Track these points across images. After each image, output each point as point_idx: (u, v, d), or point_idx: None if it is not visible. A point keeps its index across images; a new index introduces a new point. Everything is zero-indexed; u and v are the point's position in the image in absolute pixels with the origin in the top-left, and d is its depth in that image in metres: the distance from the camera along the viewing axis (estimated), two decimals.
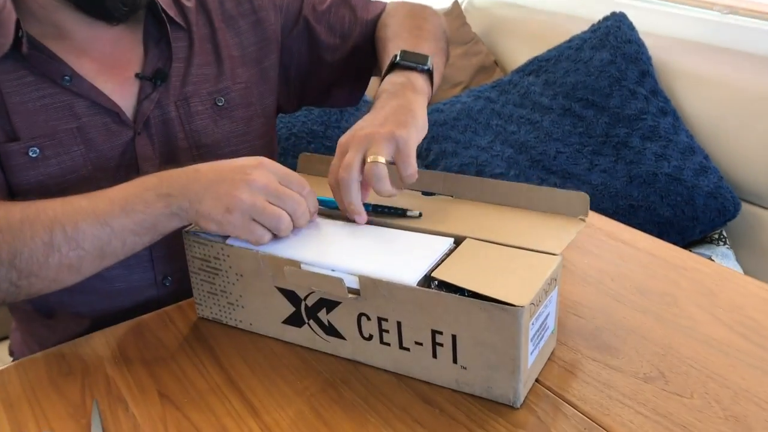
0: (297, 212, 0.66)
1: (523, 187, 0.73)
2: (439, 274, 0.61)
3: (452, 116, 1.55)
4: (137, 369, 0.70)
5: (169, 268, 0.86)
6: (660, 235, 1.29)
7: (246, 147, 0.90)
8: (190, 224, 0.72)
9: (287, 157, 1.43)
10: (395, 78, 0.77)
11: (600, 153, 1.40)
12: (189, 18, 0.87)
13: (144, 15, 0.84)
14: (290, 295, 0.68)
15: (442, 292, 0.58)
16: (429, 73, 0.79)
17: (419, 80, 0.77)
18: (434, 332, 0.60)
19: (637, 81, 1.43)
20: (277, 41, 0.93)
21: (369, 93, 1.02)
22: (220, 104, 0.87)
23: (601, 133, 1.40)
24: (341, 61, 0.96)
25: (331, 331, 0.67)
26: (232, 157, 0.88)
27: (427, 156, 1.54)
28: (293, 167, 0.91)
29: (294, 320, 0.69)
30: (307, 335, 0.69)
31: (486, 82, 1.70)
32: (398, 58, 0.79)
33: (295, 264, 0.65)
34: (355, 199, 0.68)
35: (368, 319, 0.63)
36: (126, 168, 0.82)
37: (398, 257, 0.65)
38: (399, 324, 0.62)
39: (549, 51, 1.60)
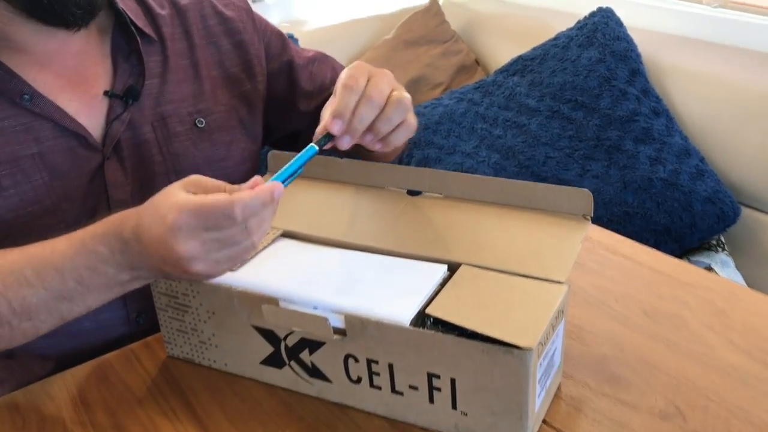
0: (253, 244, 0.58)
1: (519, 185, 0.69)
2: (435, 311, 0.57)
3: (434, 120, 1.51)
4: (100, 418, 0.65)
5: (143, 304, 0.81)
6: (657, 243, 1.27)
7: (225, 173, 0.85)
8: None
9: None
10: None
11: (592, 157, 1.37)
12: (162, 30, 0.82)
13: (111, 26, 0.78)
14: (268, 335, 0.63)
15: (439, 333, 0.54)
16: None
17: None
18: (431, 375, 0.56)
19: (628, 80, 1.41)
20: (262, 69, 0.89)
21: None
22: (200, 125, 0.82)
23: (592, 136, 1.38)
24: (312, 112, 0.92)
25: (315, 373, 0.62)
26: None
27: (408, 163, 1.50)
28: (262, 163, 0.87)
29: (273, 361, 0.64)
30: (288, 377, 0.64)
31: (468, 83, 1.67)
32: None
33: (273, 301, 0.60)
34: (346, 110, 0.65)
35: (356, 360, 0.59)
36: (95, 196, 0.76)
37: (387, 290, 0.61)
38: (391, 366, 0.57)
39: (534, 49, 1.57)
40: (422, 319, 0.58)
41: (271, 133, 0.96)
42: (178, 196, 0.57)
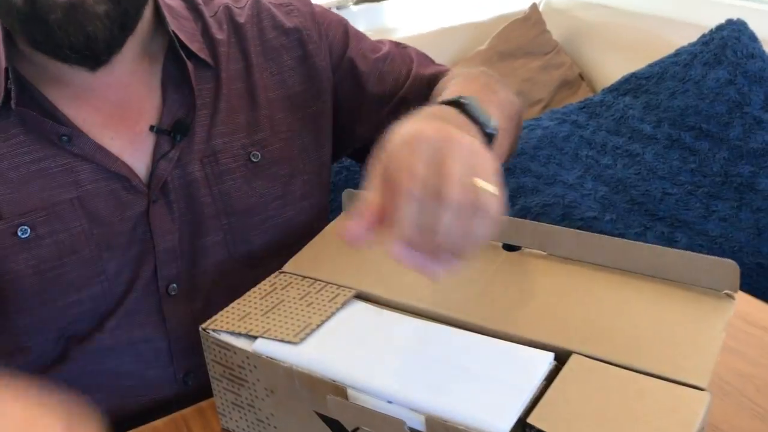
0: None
1: (644, 248, 0.61)
2: (539, 420, 0.48)
3: (532, 144, 1.42)
4: None
5: (191, 363, 0.75)
6: None
7: (287, 211, 0.78)
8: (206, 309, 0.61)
9: (337, 194, 1.31)
10: (446, 110, 0.60)
11: (718, 196, 1.25)
12: (218, 52, 0.76)
13: (164, 51, 0.73)
14: (334, 425, 0.56)
15: None
16: (489, 138, 0.62)
17: (459, 117, 0.60)
18: None
19: (763, 106, 1.29)
20: (329, 81, 0.82)
21: None
22: (255, 160, 0.76)
23: (718, 171, 1.27)
24: (385, 117, 0.84)
25: None
26: (268, 224, 0.77)
27: None
28: (341, 204, 0.81)
29: None
30: None
31: (571, 101, 1.58)
32: (461, 98, 0.62)
33: (340, 391, 0.52)
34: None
35: None
36: (139, 244, 0.72)
37: (479, 386, 0.52)
38: None
39: (649, 66, 1.47)
40: (522, 428, 0.49)
41: (340, 150, 0.89)
42: None
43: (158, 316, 0.73)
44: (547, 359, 0.53)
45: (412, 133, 0.47)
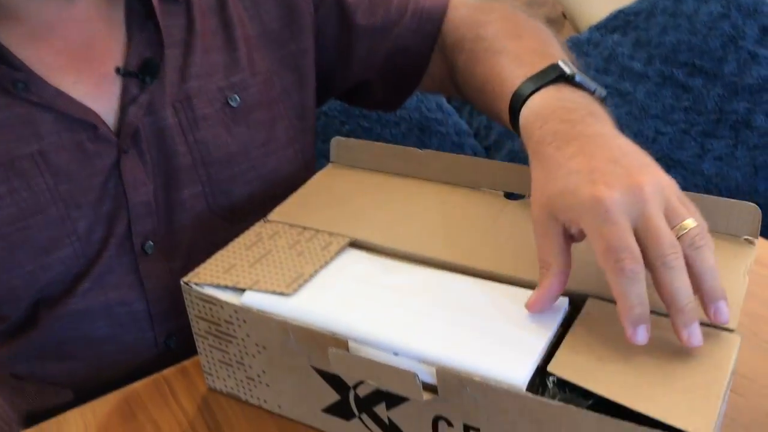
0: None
1: None
2: (559, 368, 0.45)
3: None
4: None
5: (173, 325, 0.72)
6: None
7: (270, 160, 0.74)
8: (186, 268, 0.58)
9: (317, 141, 1.27)
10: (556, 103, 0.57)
11: (713, 135, 1.23)
12: None
13: None
14: (334, 381, 0.53)
15: (573, 408, 0.42)
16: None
17: (591, 103, 0.57)
18: None
19: (758, 40, 1.26)
20: (311, 17, 0.76)
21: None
22: (233, 104, 0.71)
23: (713, 108, 1.24)
24: (380, 55, 0.79)
25: (392, 430, 0.52)
26: (250, 175, 0.72)
27: (487, 135, 1.39)
28: (323, 152, 0.78)
29: (339, 411, 0.54)
30: (358, 431, 0.54)
31: None
32: (564, 71, 0.58)
33: (341, 344, 0.49)
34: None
35: (449, 425, 0.48)
36: (111, 200, 0.66)
37: (489, 332, 0.49)
38: None
39: (638, 2, 1.42)
40: (541, 377, 0.46)
41: (328, 92, 0.84)
42: None
43: (135, 276, 0.69)
44: (561, 304, 0.51)
45: (589, 192, 0.47)
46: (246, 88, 0.72)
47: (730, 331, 0.47)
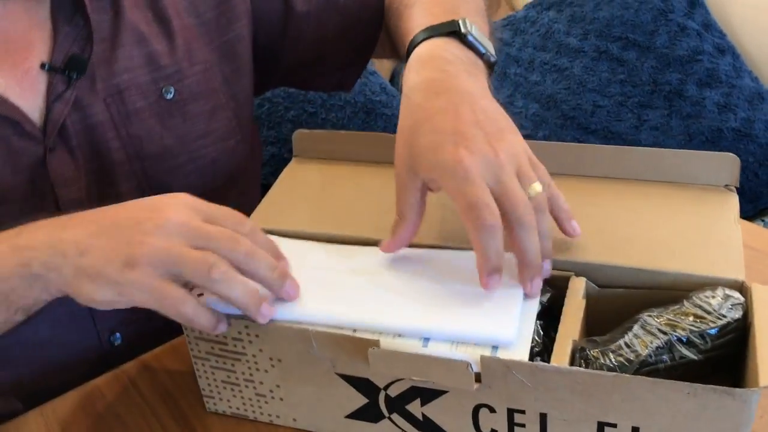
0: (241, 256, 0.51)
1: (635, 152, 0.63)
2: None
3: None
4: None
5: (114, 320, 0.71)
6: None
7: (210, 152, 0.74)
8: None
9: (262, 128, 1.26)
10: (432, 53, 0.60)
11: (649, 105, 1.28)
12: None
13: None
14: (362, 384, 0.54)
15: (625, 376, 0.46)
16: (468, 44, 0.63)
17: (473, 62, 0.61)
18: (603, 425, 0.48)
19: (686, 13, 1.32)
20: (245, 3, 0.76)
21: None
22: (168, 96, 0.71)
23: (647, 80, 1.29)
24: (328, 28, 0.79)
25: (427, 426, 0.54)
26: (189, 167, 0.73)
27: None
28: (268, 139, 0.76)
29: (366, 414, 0.55)
30: None
31: (492, 19, 1.56)
32: (459, 27, 0.62)
33: (374, 342, 0.50)
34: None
35: (492, 411, 0.50)
36: (38, 198, 0.66)
37: (471, 297, 0.52)
38: (543, 417, 0.49)
39: None
40: (581, 352, 0.49)
41: (270, 78, 0.84)
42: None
43: None
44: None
45: (451, 155, 0.51)
46: (182, 80, 0.72)
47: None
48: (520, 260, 0.51)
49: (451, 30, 0.61)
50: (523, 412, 0.49)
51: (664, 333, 0.48)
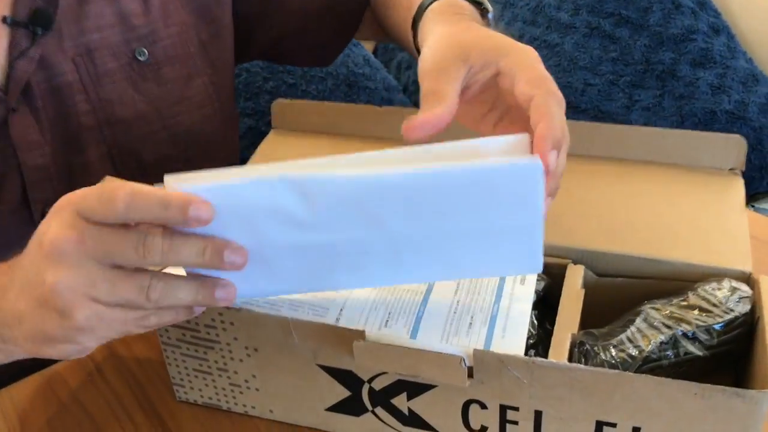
0: (158, 259, 0.42)
1: (640, 132, 0.60)
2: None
3: None
4: None
5: None
6: None
7: (184, 119, 0.71)
8: None
9: (239, 99, 1.22)
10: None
11: (641, 85, 1.25)
12: None
13: None
14: (344, 376, 0.51)
15: (629, 374, 0.43)
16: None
17: (477, 15, 0.61)
18: (601, 425, 0.45)
19: None
20: None
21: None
22: (141, 59, 0.68)
23: (640, 59, 1.26)
24: (302, 9, 0.77)
25: (413, 420, 0.51)
26: (161, 135, 0.70)
27: (416, 91, 1.37)
28: (246, 110, 0.74)
29: (348, 408, 0.52)
30: (368, 426, 0.53)
31: None
32: None
33: (359, 335, 0.46)
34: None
35: (483, 407, 0.47)
36: (1, 163, 0.62)
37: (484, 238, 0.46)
38: (539, 414, 0.45)
39: None
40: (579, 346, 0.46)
41: (248, 49, 0.81)
42: None
43: None
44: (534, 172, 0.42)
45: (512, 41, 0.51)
46: (156, 42, 0.68)
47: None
48: (543, 128, 0.44)
49: None
50: (516, 409, 0.46)
51: (669, 327, 0.45)
